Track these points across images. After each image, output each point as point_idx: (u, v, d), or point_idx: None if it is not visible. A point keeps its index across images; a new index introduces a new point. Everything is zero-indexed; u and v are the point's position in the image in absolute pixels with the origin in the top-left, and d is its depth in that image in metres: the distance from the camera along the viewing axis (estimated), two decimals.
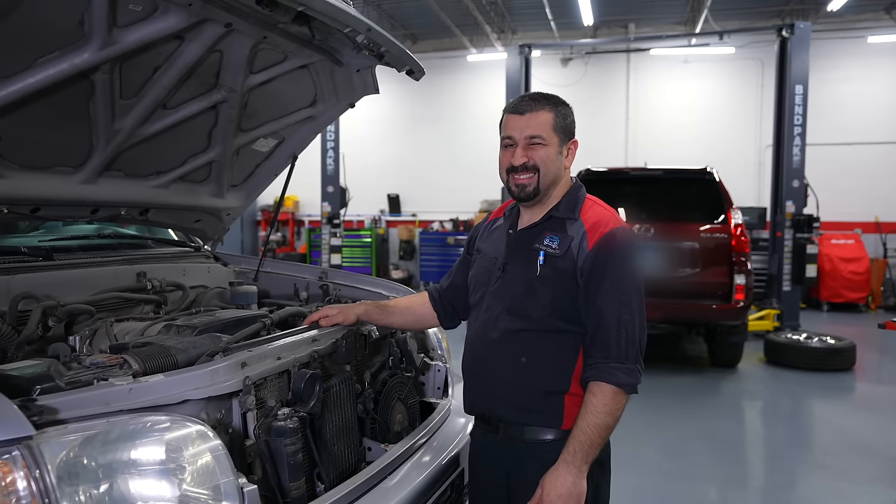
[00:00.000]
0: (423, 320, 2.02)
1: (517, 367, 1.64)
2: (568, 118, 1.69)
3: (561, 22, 12.06)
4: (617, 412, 1.54)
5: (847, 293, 10.31)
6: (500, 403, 1.68)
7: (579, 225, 1.64)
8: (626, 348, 1.55)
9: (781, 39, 8.19)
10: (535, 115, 1.64)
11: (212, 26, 1.78)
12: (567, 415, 1.61)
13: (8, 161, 1.78)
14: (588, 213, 1.66)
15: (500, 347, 1.67)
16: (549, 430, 1.63)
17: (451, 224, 12.95)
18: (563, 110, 1.68)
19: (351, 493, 1.51)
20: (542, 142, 1.64)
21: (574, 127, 1.72)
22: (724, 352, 6.43)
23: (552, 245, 1.64)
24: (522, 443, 1.65)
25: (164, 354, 1.50)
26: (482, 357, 1.72)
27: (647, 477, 3.85)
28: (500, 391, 1.67)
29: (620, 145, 12.48)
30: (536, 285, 1.63)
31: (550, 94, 1.71)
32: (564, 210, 1.68)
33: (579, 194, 1.72)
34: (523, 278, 1.66)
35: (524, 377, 1.63)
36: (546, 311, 1.62)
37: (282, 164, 2.59)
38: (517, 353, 1.64)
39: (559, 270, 1.62)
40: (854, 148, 11.32)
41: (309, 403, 1.53)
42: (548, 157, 1.64)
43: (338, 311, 1.86)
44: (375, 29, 1.89)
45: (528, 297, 1.64)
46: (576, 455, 1.52)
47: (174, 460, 1.17)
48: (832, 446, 4.47)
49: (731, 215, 6.07)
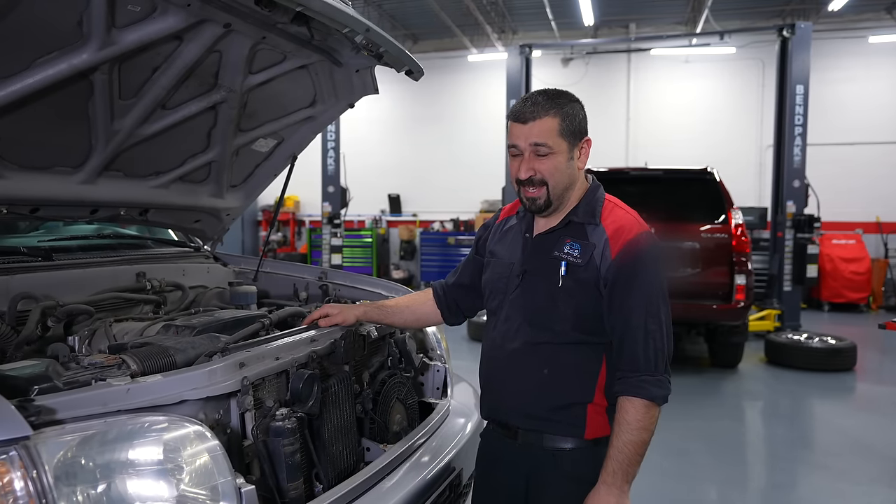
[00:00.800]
0: (424, 318, 1.98)
1: (539, 378, 1.59)
2: (577, 118, 1.57)
3: (561, 22, 12.06)
4: (651, 426, 1.50)
5: (848, 293, 10.30)
6: (520, 413, 1.63)
7: (601, 231, 1.57)
8: (654, 359, 1.50)
9: (782, 39, 8.18)
10: (538, 123, 1.53)
11: (211, 27, 1.78)
12: (589, 424, 1.57)
13: (7, 161, 1.78)
14: (609, 218, 1.59)
15: (521, 358, 1.62)
16: (570, 439, 1.59)
17: (452, 224, 12.95)
18: (570, 110, 1.56)
19: (349, 493, 1.51)
20: (549, 150, 1.53)
21: (585, 124, 1.59)
22: (724, 352, 6.42)
23: (573, 253, 1.57)
24: (542, 451, 1.61)
25: (162, 355, 1.50)
26: (502, 367, 1.67)
27: (646, 477, 3.83)
28: (520, 401, 1.63)
29: (621, 145, 12.47)
30: (559, 297, 1.56)
31: (556, 93, 1.58)
32: (584, 214, 1.60)
33: (598, 195, 1.64)
34: (544, 289, 1.59)
35: (546, 389, 1.59)
36: (569, 325, 1.56)
37: (281, 164, 2.59)
38: (539, 364, 1.60)
39: (582, 281, 1.55)
40: (855, 148, 11.31)
41: (307, 404, 1.53)
42: (556, 167, 1.55)
43: (338, 312, 1.84)
44: (374, 29, 1.89)
45: (551, 309, 1.58)
46: (616, 475, 1.49)
47: (172, 460, 1.17)
48: (833, 447, 4.47)
49: (731, 215, 6.06)
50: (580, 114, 1.59)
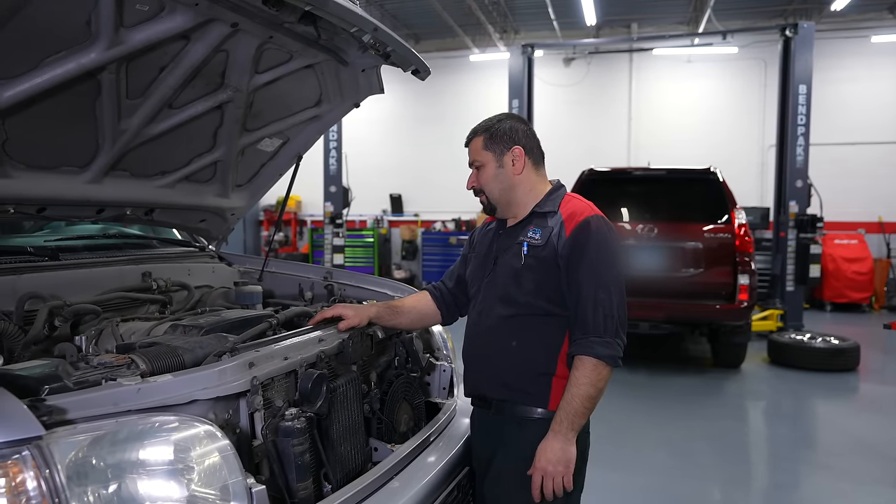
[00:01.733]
0: (426, 318, 2.12)
1: (508, 350, 1.80)
2: (498, 132, 1.85)
3: (563, 22, 12.05)
4: (599, 383, 1.69)
5: (850, 293, 10.29)
6: (494, 384, 1.84)
7: (558, 217, 1.82)
8: (603, 323, 1.70)
9: (785, 39, 8.17)
10: (471, 145, 1.89)
11: (218, 26, 1.77)
12: (553, 396, 1.77)
13: (14, 161, 1.77)
14: (566, 206, 1.84)
15: (494, 333, 1.84)
16: (535, 408, 1.79)
17: (454, 224, 12.95)
18: (497, 127, 1.86)
19: (358, 493, 1.51)
20: (479, 163, 1.87)
21: (509, 136, 1.85)
22: (727, 352, 6.42)
23: (535, 237, 1.82)
24: (511, 417, 1.81)
25: (171, 354, 1.49)
26: (478, 343, 1.89)
27: (650, 477, 3.85)
28: (493, 373, 1.84)
29: (623, 145, 12.47)
30: (522, 273, 1.80)
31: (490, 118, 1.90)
32: (544, 206, 1.86)
33: (559, 192, 1.90)
34: (510, 268, 1.84)
35: (515, 359, 1.80)
36: (532, 296, 1.79)
37: (286, 163, 2.58)
38: (508, 337, 1.81)
39: (542, 259, 1.79)
40: (857, 148, 11.30)
41: (316, 404, 1.53)
42: (486, 176, 1.86)
43: (354, 314, 1.89)
44: (382, 28, 1.89)
45: (516, 285, 1.81)
46: (561, 424, 1.69)
47: (182, 460, 1.17)
48: (836, 447, 4.46)
49: (734, 215, 6.06)
50: (504, 126, 1.86)
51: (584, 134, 12.37)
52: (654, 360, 6.76)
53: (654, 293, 5.86)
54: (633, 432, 4.57)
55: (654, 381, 5.98)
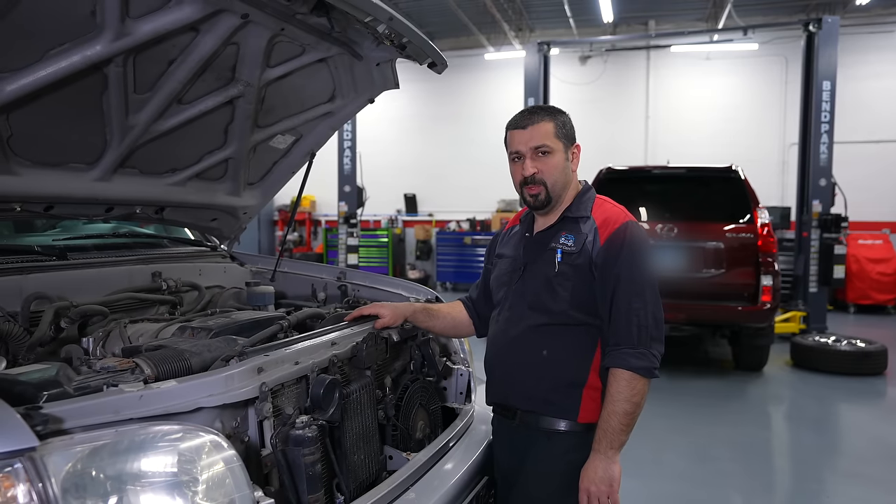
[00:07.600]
0: (460, 327, 2.08)
1: (538, 360, 1.74)
2: (567, 125, 1.79)
3: (580, 19, 11.93)
4: (634, 397, 1.62)
5: (875, 295, 10.06)
6: (521, 394, 1.77)
7: (591, 223, 1.75)
8: (637, 334, 1.64)
9: (808, 34, 8.00)
10: (537, 127, 1.74)
11: (228, 17, 1.71)
12: (583, 408, 1.70)
13: (19, 157, 1.72)
14: (599, 211, 1.77)
15: (523, 342, 1.77)
16: (563, 420, 1.72)
17: (468, 224, 12.87)
18: (561, 119, 1.78)
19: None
20: (548, 150, 1.74)
21: (574, 133, 1.81)
22: (749, 355, 6.27)
23: (568, 243, 1.75)
24: (537, 430, 1.75)
25: (177, 358, 1.43)
26: (505, 351, 1.82)
27: (669, 483, 3.74)
28: (520, 383, 1.77)
29: (640, 143, 12.32)
30: (555, 281, 1.73)
31: (548, 105, 1.83)
32: (576, 210, 1.79)
33: (589, 195, 1.83)
34: (543, 276, 1.76)
35: (545, 369, 1.73)
36: (566, 305, 1.72)
37: (299, 161, 2.52)
38: (539, 346, 1.74)
39: (576, 266, 1.72)
40: (881, 146, 11.06)
41: (328, 411, 1.46)
42: (555, 165, 1.75)
43: (390, 313, 1.86)
44: (397, 18, 1.81)
45: (549, 293, 1.74)
46: (601, 443, 1.64)
47: (187, 472, 1.11)
48: (865, 454, 4.32)
49: (757, 214, 5.92)
50: (570, 122, 1.81)
51: (601, 132, 12.21)
52: (673, 362, 6.62)
53: (675, 294, 5.72)
54: (651, 436, 4.45)
55: (675, 384, 5.85)
